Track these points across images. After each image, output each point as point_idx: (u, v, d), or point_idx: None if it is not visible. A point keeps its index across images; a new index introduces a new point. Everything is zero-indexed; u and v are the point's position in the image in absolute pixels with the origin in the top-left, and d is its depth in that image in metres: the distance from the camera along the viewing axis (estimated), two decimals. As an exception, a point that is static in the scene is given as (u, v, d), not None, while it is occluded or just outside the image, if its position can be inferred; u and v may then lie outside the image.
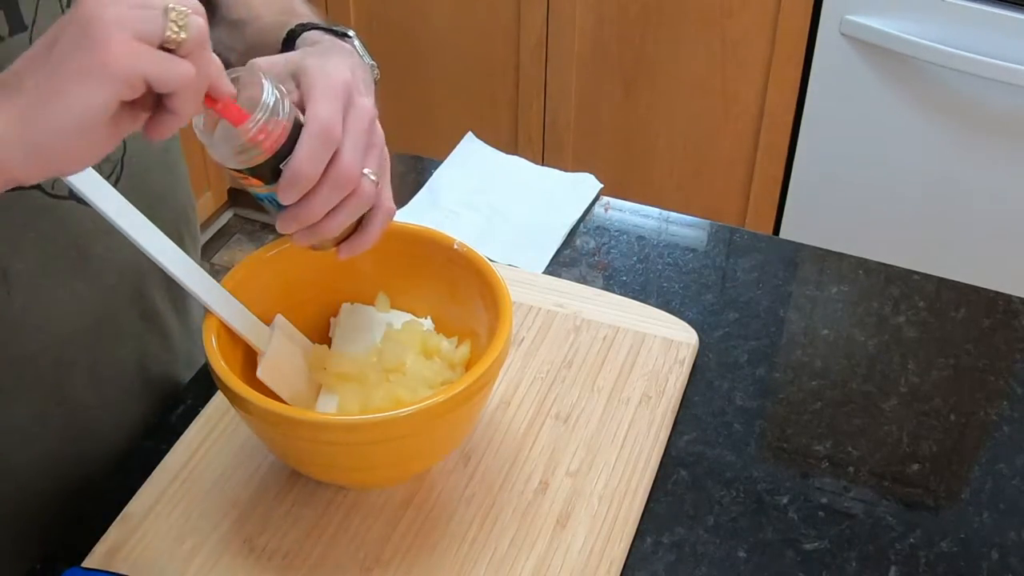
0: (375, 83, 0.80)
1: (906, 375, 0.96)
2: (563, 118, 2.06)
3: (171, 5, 0.58)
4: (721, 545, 0.81)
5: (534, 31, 1.98)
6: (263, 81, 0.68)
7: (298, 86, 0.73)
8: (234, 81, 0.69)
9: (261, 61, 0.75)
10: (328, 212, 0.72)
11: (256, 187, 0.72)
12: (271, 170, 0.69)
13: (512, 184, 1.17)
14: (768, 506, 0.84)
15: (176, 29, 0.58)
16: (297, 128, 0.69)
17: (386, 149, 0.75)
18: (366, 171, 0.72)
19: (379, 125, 0.75)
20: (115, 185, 0.79)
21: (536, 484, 0.83)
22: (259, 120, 0.67)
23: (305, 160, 0.69)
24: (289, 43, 0.82)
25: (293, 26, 0.82)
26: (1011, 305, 1.02)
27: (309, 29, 0.81)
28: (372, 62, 0.81)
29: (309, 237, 0.74)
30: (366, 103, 0.74)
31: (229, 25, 0.90)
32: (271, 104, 0.67)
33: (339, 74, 0.73)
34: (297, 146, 0.69)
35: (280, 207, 0.72)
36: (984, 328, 1.00)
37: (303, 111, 0.71)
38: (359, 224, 0.76)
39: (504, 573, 0.77)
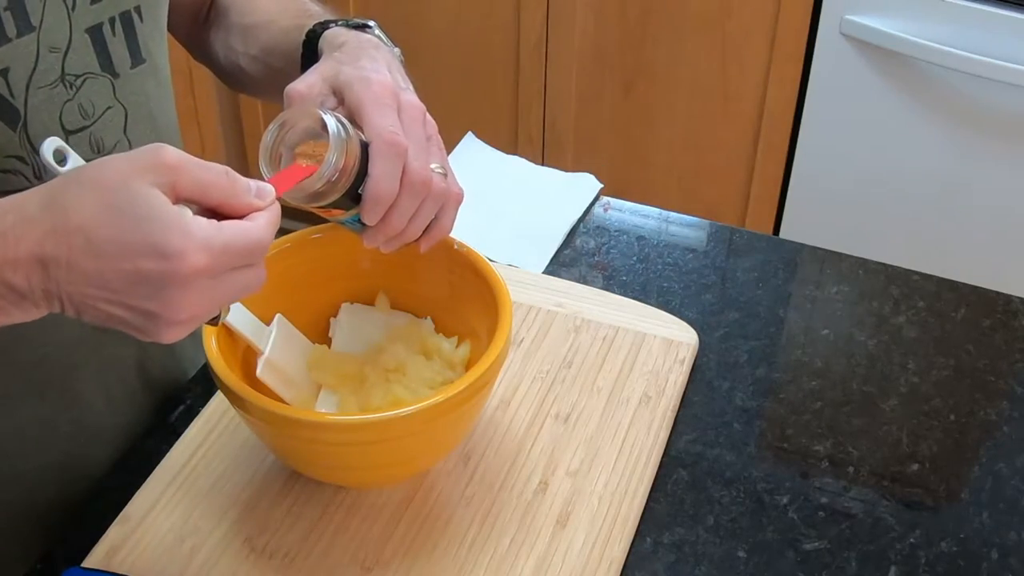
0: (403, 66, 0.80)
1: (906, 375, 0.96)
2: (563, 118, 2.06)
3: (223, 313, 0.66)
4: (721, 545, 0.81)
5: (534, 31, 1.98)
6: (322, 116, 0.68)
7: (341, 101, 0.73)
8: (283, 125, 0.69)
9: (299, 85, 0.74)
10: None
11: (337, 216, 0.72)
12: (349, 198, 0.70)
13: (512, 184, 1.17)
14: (768, 506, 0.84)
15: (225, 312, 0.66)
16: (362, 147, 0.70)
17: (439, 135, 0.76)
18: (433, 166, 0.73)
19: (429, 115, 0.75)
20: None
21: (536, 484, 0.83)
22: (331, 162, 0.67)
23: (382, 181, 0.70)
24: (310, 44, 0.82)
25: (311, 26, 0.82)
26: (1011, 305, 1.02)
27: (328, 27, 0.81)
28: (397, 48, 0.81)
29: (393, 244, 0.75)
30: (413, 99, 0.74)
31: (242, 29, 0.90)
32: (339, 140, 0.68)
33: (381, 78, 0.73)
34: (371, 168, 0.70)
35: (363, 226, 0.73)
36: (984, 328, 1.00)
37: (356, 126, 0.71)
38: None
39: (504, 573, 0.77)
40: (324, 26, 0.81)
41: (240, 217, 0.61)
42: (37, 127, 0.74)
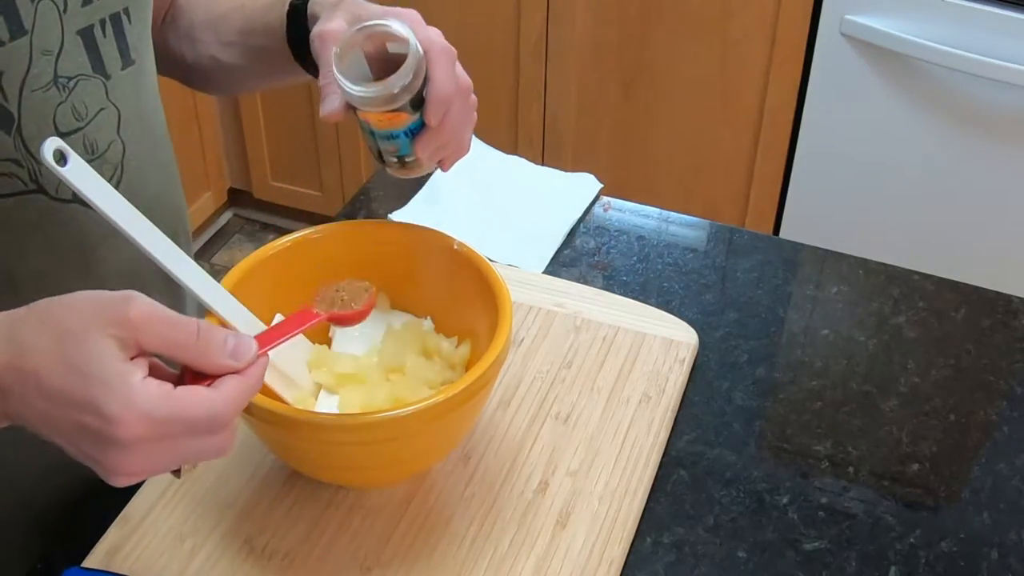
0: None
1: (906, 375, 0.96)
2: (563, 118, 2.06)
3: (186, 468, 0.62)
4: (721, 545, 0.81)
5: (534, 31, 1.98)
6: (395, 25, 0.74)
7: (368, 38, 0.77)
8: (354, 34, 0.75)
9: (330, 25, 0.77)
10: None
11: (400, 123, 0.76)
12: (412, 105, 0.75)
13: (512, 184, 1.17)
14: (768, 506, 0.84)
15: (189, 468, 0.62)
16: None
17: None
18: None
19: None
20: (116, 187, 0.79)
21: (536, 484, 0.83)
22: (413, 64, 0.73)
23: (444, 82, 0.75)
24: (296, 14, 0.84)
25: None
26: (1011, 305, 1.02)
27: None
28: None
29: (438, 155, 0.79)
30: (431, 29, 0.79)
31: (211, 22, 0.91)
32: (415, 42, 0.73)
33: (401, 9, 0.78)
34: (433, 72, 0.75)
35: (412, 136, 0.77)
36: (984, 328, 1.00)
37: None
38: None
39: (504, 573, 0.77)
40: None
41: (214, 376, 0.61)
42: (31, 129, 0.75)
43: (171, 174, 0.92)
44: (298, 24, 0.84)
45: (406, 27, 0.74)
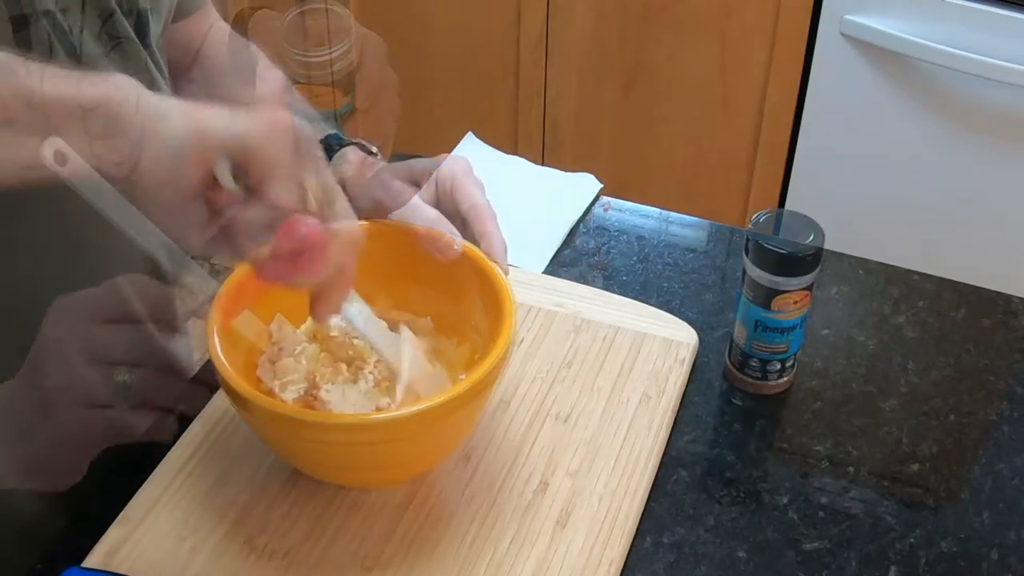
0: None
1: (906, 375, 0.96)
2: (563, 118, 2.06)
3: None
4: (721, 545, 0.81)
5: (534, 31, 1.98)
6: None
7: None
8: None
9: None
10: None
11: (331, 103, 0.82)
12: (345, 86, 0.81)
13: (512, 184, 1.17)
14: (768, 506, 0.84)
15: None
16: None
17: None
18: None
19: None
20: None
21: (536, 484, 0.83)
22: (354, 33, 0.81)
23: (377, 68, 0.81)
24: None
25: None
26: (1011, 305, 1.02)
27: None
28: None
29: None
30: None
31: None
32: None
33: None
34: (365, 57, 0.81)
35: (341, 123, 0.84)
36: (984, 328, 1.00)
37: None
38: None
39: (504, 573, 0.77)
40: None
41: None
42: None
43: None
44: None
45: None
